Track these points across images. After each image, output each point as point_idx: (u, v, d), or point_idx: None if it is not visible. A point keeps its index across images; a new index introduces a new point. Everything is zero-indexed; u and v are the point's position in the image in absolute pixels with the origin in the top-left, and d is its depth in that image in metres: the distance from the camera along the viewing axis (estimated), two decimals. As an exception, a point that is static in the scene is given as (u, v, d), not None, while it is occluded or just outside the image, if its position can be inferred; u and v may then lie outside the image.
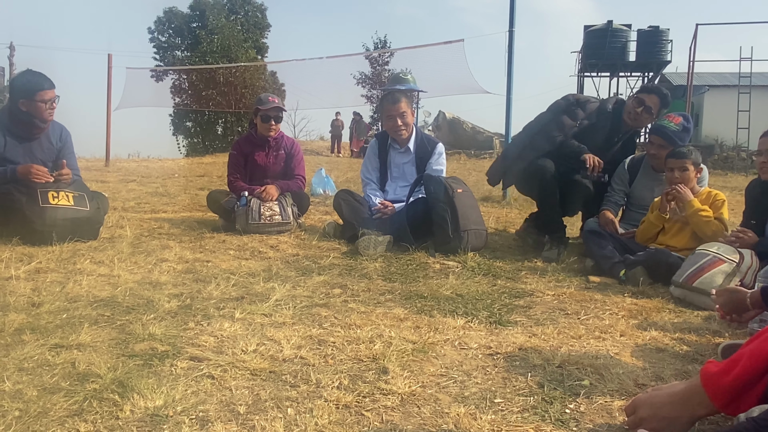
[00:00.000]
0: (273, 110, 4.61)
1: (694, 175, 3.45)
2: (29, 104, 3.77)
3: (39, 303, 2.46)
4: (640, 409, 1.40)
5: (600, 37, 19.72)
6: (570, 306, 2.70)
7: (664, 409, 1.36)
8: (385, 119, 4.41)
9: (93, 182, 7.12)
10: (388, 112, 4.35)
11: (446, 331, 2.28)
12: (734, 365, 1.29)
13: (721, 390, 1.29)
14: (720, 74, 21.42)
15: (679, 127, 3.70)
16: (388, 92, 4.57)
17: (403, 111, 4.32)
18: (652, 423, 1.36)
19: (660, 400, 1.38)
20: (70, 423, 1.48)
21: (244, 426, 1.49)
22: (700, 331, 2.37)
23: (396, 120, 4.32)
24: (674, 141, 3.68)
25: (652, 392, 1.43)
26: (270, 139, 4.68)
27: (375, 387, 1.73)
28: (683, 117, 3.76)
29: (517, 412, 1.60)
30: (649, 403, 1.39)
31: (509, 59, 7.15)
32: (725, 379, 1.28)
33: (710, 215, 3.28)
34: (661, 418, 1.36)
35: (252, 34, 31.54)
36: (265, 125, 4.62)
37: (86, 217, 3.77)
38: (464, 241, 3.75)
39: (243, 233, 4.20)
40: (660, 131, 3.76)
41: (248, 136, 4.79)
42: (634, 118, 4.01)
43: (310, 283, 2.96)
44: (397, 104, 4.32)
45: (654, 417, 1.36)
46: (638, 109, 3.97)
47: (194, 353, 1.96)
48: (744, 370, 1.26)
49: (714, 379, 1.31)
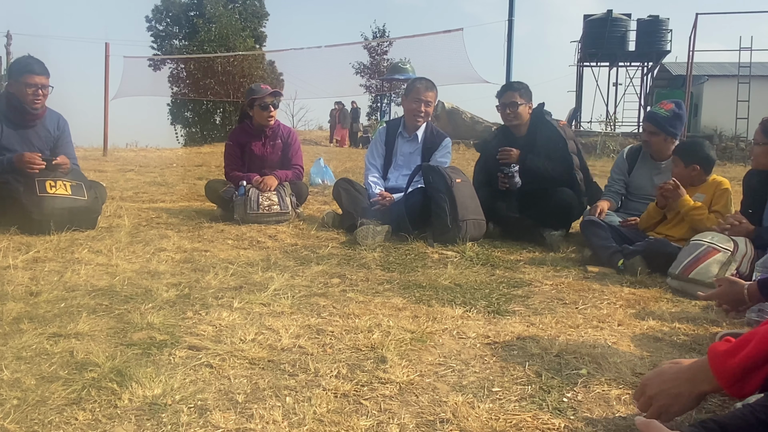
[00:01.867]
0: (271, 96, 4.59)
1: (691, 172, 3.42)
2: (16, 86, 3.76)
3: (37, 292, 2.46)
4: (648, 387, 1.41)
5: (599, 26, 19.64)
6: (568, 295, 2.71)
7: (670, 385, 1.37)
8: (410, 99, 4.42)
9: (91, 171, 7.10)
10: (417, 94, 4.37)
11: (444, 320, 2.28)
12: (743, 346, 1.29)
13: (726, 370, 1.30)
14: (719, 64, 21.38)
15: (670, 113, 3.72)
16: (423, 78, 4.62)
17: (429, 100, 4.39)
18: (660, 400, 1.38)
19: (667, 377, 1.39)
20: (68, 411, 1.48)
21: (242, 414, 1.50)
22: (697, 321, 2.38)
23: (421, 105, 4.36)
24: (664, 127, 3.71)
25: (658, 370, 1.44)
26: (266, 128, 4.66)
27: (373, 376, 1.74)
28: (675, 103, 3.79)
29: (514, 400, 1.61)
30: (657, 381, 1.40)
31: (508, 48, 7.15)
32: (732, 360, 1.29)
33: (703, 214, 3.27)
34: (668, 395, 1.37)
35: (250, 22, 31.41)
36: (265, 113, 4.58)
37: (84, 207, 3.77)
38: (463, 231, 3.75)
39: (241, 223, 4.20)
40: (650, 118, 3.84)
41: (244, 126, 4.74)
42: (510, 119, 4.25)
43: (308, 272, 2.96)
44: (428, 91, 4.39)
45: (662, 393, 1.38)
46: (506, 111, 4.22)
47: (193, 342, 1.96)
48: (751, 352, 1.26)
49: (721, 357, 1.31)
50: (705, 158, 3.44)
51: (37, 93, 3.79)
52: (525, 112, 4.22)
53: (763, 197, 3.08)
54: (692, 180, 3.43)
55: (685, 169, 3.42)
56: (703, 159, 3.43)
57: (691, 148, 3.48)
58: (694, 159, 3.41)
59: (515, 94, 4.20)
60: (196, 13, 30.57)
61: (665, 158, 3.78)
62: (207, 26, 27.55)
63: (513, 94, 4.21)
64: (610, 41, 19.53)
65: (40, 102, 3.83)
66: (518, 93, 4.21)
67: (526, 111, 4.23)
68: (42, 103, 3.85)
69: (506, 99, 4.22)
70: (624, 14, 20.12)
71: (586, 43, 20.29)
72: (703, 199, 3.37)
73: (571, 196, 3.94)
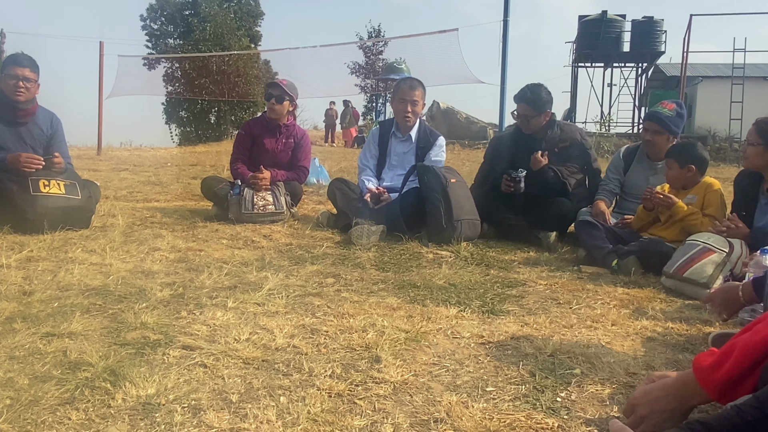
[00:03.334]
0: (274, 87, 4.64)
1: (686, 173, 3.43)
2: (3, 81, 3.74)
3: (30, 291, 2.45)
4: (637, 408, 1.41)
5: (594, 27, 19.66)
6: (562, 295, 2.72)
7: (660, 403, 1.38)
8: (396, 101, 4.42)
9: (85, 171, 7.07)
10: (402, 95, 4.37)
11: (439, 320, 2.29)
12: (726, 358, 1.30)
13: (714, 383, 1.31)
14: (713, 65, 21.45)
15: (673, 112, 3.74)
16: (408, 77, 4.62)
17: (416, 99, 4.37)
18: (652, 420, 1.38)
19: (655, 395, 1.39)
20: (61, 411, 1.48)
21: (236, 414, 1.49)
22: (690, 321, 2.39)
23: (407, 105, 4.35)
24: (669, 126, 3.73)
25: (645, 388, 1.44)
26: (282, 125, 4.67)
27: (367, 376, 1.74)
28: (677, 104, 3.83)
29: (508, 400, 1.61)
30: (645, 401, 1.40)
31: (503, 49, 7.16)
32: (717, 374, 1.30)
33: (698, 218, 3.28)
34: (659, 413, 1.38)
35: (245, 22, 31.34)
36: (267, 103, 4.65)
37: (78, 206, 3.75)
38: (457, 231, 3.75)
39: (236, 222, 4.19)
40: (654, 117, 3.82)
41: (260, 118, 4.80)
42: (524, 128, 4.19)
43: (303, 272, 2.96)
44: (413, 91, 4.37)
45: (653, 413, 1.38)
46: (520, 121, 4.18)
47: (187, 342, 1.96)
48: (735, 364, 1.27)
49: (707, 372, 1.32)
50: (700, 158, 3.45)
51: (18, 85, 3.73)
52: (539, 123, 4.12)
53: (755, 198, 3.09)
54: (687, 181, 3.44)
55: (681, 170, 3.43)
56: (698, 159, 3.44)
57: (686, 149, 3.49)
58: (690, 160, 3.42)
59: (528, 107, 4.08)
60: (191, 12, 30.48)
61: (663, 159, 3.79)
62: (202, 25, 27.47)
63: (525, 107, 4.09)
64: (605, 42, 19.56)
65: (22, 94, 3.75)
66: (531, 106, 4.07)
67: (540, 121, 4.12)
68: (25, 96, 3.77)
69: (519, 110, 4.14)
70: (619, 15, 20.15)
71: (580, 44, 20.33)
72: (695, 201, 3.38)
73: (569, 208, 3.93)
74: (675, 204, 3.31)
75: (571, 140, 4.18)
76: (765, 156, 2.97)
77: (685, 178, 3.44)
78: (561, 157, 4.10)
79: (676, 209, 3.31)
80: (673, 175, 3.46)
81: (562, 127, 4.21)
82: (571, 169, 4.08)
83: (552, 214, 3.94)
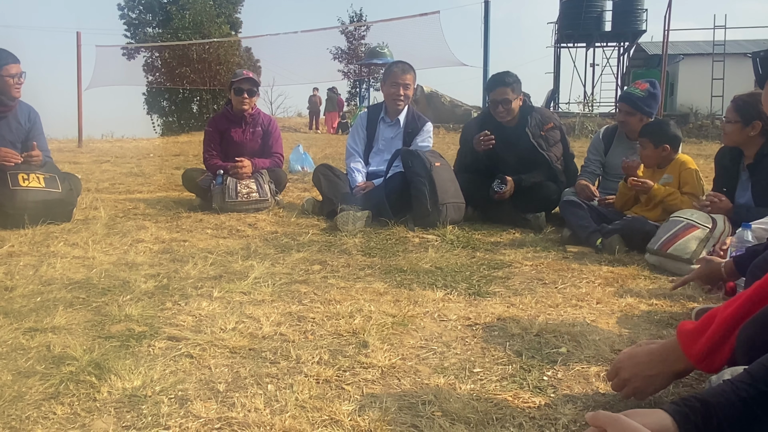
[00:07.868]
0: (245, 82, 4.54)
1: (661, 152, 3.45)
2: None
3: (12, 287, 2.42)
4: (621, 371, 1.43)
5: (575, 7, 19.66)
6: (547, 275, 2.73)
7: (644, 367, 1.40)
8: (388, 84, 4.37)
9: (65, 163, 6.99)
10: (395, 78, 4.33)
11: (426, 303, 2.29)
12: (706, 327, 1.33)
13: (696, 348, 1.34)
14: (694, 42, 21.58)
15: (645, 93, 3.74)
16: (399, 61, 4.58)
17: (407, 83, 4.35)
18: (635, 383, 1.40)
19: (639, 359, 1.42)
20: (46, 406, 1.46)
21: (224, 403, 1.49)
22: (674, 297, 2.41)
23: (399, 88, 4.32)
24: (640, 107, 3.73)
25: (630, 351, 1.46)
26: (246, 115, 4.61)
27: (355, 361, 1.74)
28: (649, 83, 3.82)
29: (495, 381, 1.62)
30: (629, 364, 1.42)
31: (485, 31, 7.13)
32: (700, 339, 1.34)
33: (677, 198, 3.31)
34: (643, 377, 1.40)
35: (225, 8, 30.84)
36: (238, 98, 4.55)
37: (58, 199, 3.70)
38: (443, 215, 3.76)
39: (220, 212, 4.16)
40: (626, 98, 3.83)
41: (224, 112, 4.71)
42: (502, 117, 4.10)
43: (289, 260, 2.95)
44: (405, 74, 4.35)
45: (636, 376, 1.40)
46: (499, 109, 4.08)
47: (172, 333, 1.94)
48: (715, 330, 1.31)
49: (690, 338, 1.35)
50: (673, 137, 3.47)
51: (19, 82, 3.74)
52: (517, 106, 4.10)
53: (735, 175, 3.12)
54: (662, 160, 3.47)
55: (655, 150, 3.45)
56: (672, 138, 3.46)
57: (659, 128, 3.51)
58: (663, 139, 3.44)
59: (507, 90, 4.01)
60: (170, -1, 29.98)
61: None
62: (181, 13, 27.04)
63: (505, 90, 4.01)
64: (587, 22, 19.58)
65: (20, 90, 3.78)
66: (510, 88, 4.01)
67: (518, 105, 4.10)
68: (20, 90, 3.78)
69: (498, 95, 4.04)
70: (600, -6, 20.15)
71: (562, 24, 20.33)
72: (671, 180, 3.41)
73: (556, 192, 3.93)
74: (651, 188, 3.33)
75: (552, 120, 4.19)
76: (743, 132, 3.00)
77: (660, 157, 3.46)
78: (549, 140, 4.10)
79: (654, 192, 3.34)
80: (647, 155, 3.48)
81: (538, 111, 4.21)
82: (557, 153, 4.10)
83: (539, 197, 3.96)
